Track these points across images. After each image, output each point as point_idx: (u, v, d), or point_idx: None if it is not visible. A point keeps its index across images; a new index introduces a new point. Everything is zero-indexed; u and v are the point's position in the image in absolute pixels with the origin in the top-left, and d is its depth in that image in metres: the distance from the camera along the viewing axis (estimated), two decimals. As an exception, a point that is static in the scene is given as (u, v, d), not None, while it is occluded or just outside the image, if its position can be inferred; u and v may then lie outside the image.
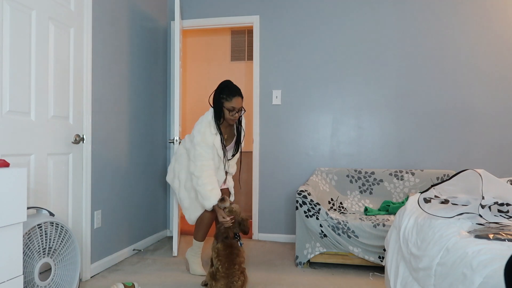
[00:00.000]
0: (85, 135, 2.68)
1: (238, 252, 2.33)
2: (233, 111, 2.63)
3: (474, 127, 3.49)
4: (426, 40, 3.57)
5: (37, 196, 2.26)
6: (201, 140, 2.61)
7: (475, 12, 3.49)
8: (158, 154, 3.86)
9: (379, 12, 3.65)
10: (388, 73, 3.63)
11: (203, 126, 2.65)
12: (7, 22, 2.04)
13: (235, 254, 2.31)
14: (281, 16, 3.84)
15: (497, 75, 3.46)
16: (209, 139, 2.63)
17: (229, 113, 2.64)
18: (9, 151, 2.05)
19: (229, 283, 2.22)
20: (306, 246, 2.95)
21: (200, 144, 2.61)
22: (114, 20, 3.04)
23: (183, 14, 4.04)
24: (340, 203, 3.42)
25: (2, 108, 2.03)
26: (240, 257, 2.32)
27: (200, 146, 2.61)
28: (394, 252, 1.99)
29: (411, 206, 1.96)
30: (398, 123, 3.61)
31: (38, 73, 2.26)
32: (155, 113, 3.80)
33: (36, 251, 1.83)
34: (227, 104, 2.62)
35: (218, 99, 2.65)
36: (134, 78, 3.36)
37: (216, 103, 2.66)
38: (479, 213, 1.54)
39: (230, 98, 2.61)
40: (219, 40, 5.07)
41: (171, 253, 3.36)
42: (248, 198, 4.72)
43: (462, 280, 1.21)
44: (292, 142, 3.80)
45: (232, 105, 2.61)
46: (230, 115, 2.64)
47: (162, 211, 3.94)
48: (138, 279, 2.68)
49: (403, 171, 3.43)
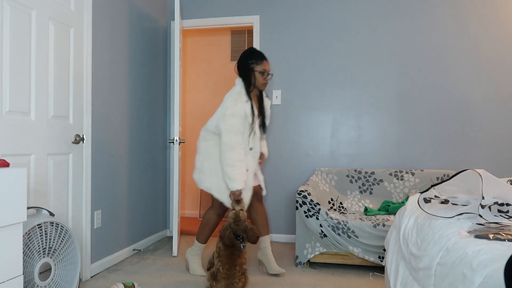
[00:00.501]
0: (85, 135, 2.68)
1: (240, 253, 2.31)
2: (265, 74, 2.64)
3: (474, 127, 3.49)
4: (426, 40, 3.57)
5: (37, 196, 2.26)
6: (232, 110, 2.54)
7: (475, 12, 3.49)
8: (158, 154, 3.86)
9: (379, 12, 3.65)
10: (388, 73, 3.63)
11: (234, 96, 2.59)
12: (7, 22, 2.04)
13: (236, 255, 2.29)
14: (281, 16, 3.84)
15: (497, 75, 3.46)
16: (240, 107, 2.55)
17: (262, 76, 2.63)
18: (9, 151, 2.05)
19: (230, 284, 2.21)
20: (306, 246, 2.95)
21: (232, 115, 2.53)
22: (114, 20, 3.04)
23: (183, 14, 4.04)
24: (340, 203, 3.41)
25: (2, 108, 2.03)
26: (241, 258, 2.30)
27: (231, 117, 2.53)
28: (394, 252, 1.99)
29: (411, 206, 1.96)
30: (398, 123, 3.61)
31: (38, 73, 2.26)
32: (155, 113, 3.80)
33: (36, 251, 1.83)
34: (258, 68, 2.62)
35: (247, 65, 2.63)
36: (134, 78, 3.36)
37: (246, 70, 2.64)
38: (479, 213, 1.54)
39: (260, 61, 2.63)
40: (219, 40, 5.07)
41: (171, 253, 3.36)
42: (248, 198, 4.72)
43: (462, 280, 1.21)
44: (292, 142, 3.80)
45: (264, 68, 2.63)
46: (262, 78, 2.64)
47: (162, 211, 3.94)
48: (138, 279, 2.68)
49: (403, 171, 3.43)
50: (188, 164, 5.09)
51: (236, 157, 2.53)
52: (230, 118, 2.54)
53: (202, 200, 4.95)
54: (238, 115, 2.54)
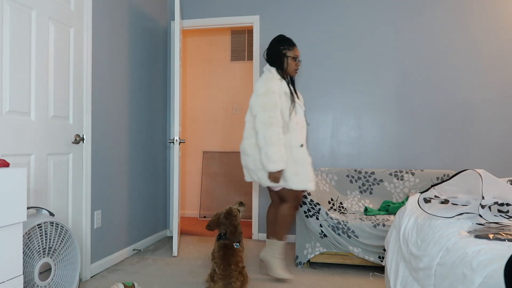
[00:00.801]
0: (85, 135, 2.68)
1: (233, 252, 2.31)
2: (297, 60, 2.62)
3: (474, 127, 3.49)
4: (426, 40, 3.57)
5: (37, 196, 2.26)
6: (265, 89, 2.44)
7: (474, 12, 3.49)
8: (158, 154, 3.86)
9: (379, 13, 3.65)
10: (388, 73, 3.63)
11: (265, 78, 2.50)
12: (7, 22, 2.04)
13: (230, 255, 2.29)
14: (281, 16, 3.84)
15: (497, 75, 3.46)
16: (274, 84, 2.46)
17: (294, 62, 2.61)
18: (9, 151, 2.05)
19: (227, 284, 2.21)
20: (306, 246, 2.95)
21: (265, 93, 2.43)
22: (114, 20, 3.04)
23: (183, 14, 4.04)
24: (340, 203, 3.41)
25: (2, 108, 2.03)
26: (236, 257, 2.30)
27: (264, 95, 2.43)
28: (394, 252, 1.99)
29: (411, 206, 1.96)
30: (398, 123, 3.61)
31: (38, 73, 2.26)
32: (155, 113, 3.80)
33: (36, 251, 1.83)
34: (291, 53, 2.60)
35: (279, 51, 2.60)
36: (134, 78, 3.36)
37: (278, 56, 2.60)
38: (479, 213, 1.54)
39: (292, 47, 2.61)
40: (219, 40, 5.07)
41: (171, 253, 3.36)
42: (248, 198, 4.72)
43: (462, 280, 1.21)
44: (292, 142, 3.80)
45: (295, 53, 2.62)
46: (295, 64, 2.61)
47: (162, 211, 3.94)
48: (138, 279, 2.68)
49: (403, 171, 3.43)
50: (188, 164, 5.10)
51: (274, 134, 2.39)
52: (263, 96, 2.44)
53: (202, 200, 4.96)
54: (272, 91, 2.44)
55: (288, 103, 2.54)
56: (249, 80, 4.89)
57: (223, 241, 2.35)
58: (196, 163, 5.07)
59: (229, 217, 2.39)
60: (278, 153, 2.40)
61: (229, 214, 2.40)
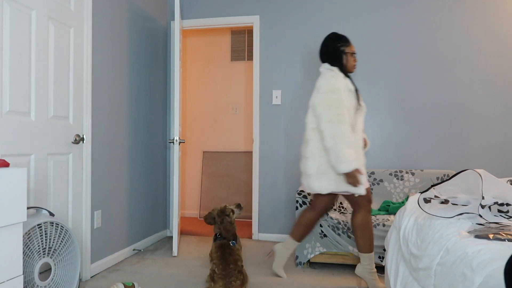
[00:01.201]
0: (85, 135, 2.68)
1: (231, 251, 2.32)
2: (355, 55, 2.52)
3: (474, 127, 3.49)
4: (425, 40, 3.57)
5: (37, 196, 2.26)
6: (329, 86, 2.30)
7: (474, 12, 3.49)
8: (158, 154, 3.86)
9: (378, 13, 3.65)
10: (387, 73, 3.63)
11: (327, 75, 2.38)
12: (7, 22, 2.04)
13: (227, 254, 2.30)
14: (281, 16, 3.84)
15: (497, 75, 3.46)
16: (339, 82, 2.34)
17: (352, 57, 2.51)
18: (9, 151, 2.05)
19: (227, 283, 2.21)
20: (306, 246, 2.95)
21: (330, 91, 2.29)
22: (114, 20, 3.04)
23: (183, 14, 4.04)
24: (340, 203, 3.41)
25: (2, 108, 2.03)
26: (233, 256, 2.30)
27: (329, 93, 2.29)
28: (394, 252, 1.99)
29: (411, 206, 1.96)
30: (398, 123, 3.61)
31: (38, 73, 2.26)
32: (155, 113, 3.80)
33: (36, 251, 1.83)
34: (349, 49, 2.50)
35: (337, 48, 2.49)
36: (134, 78, 3.36)
37: (337, 53, 2.49)
38: (479, 213, 1.54)
39: (348, 43, 2.51)
40: (219, 40, 5.07)
41: (171, 253, 3.36)
42: (248, 198, 4.72)
43: (462, 280, 1.21)
44: (292, 142, 3.80)
45: (353, 49, 2.52)
46: (353, 60, 2.51)
47: (162, 211, 3.94)
48: (138, 279, 2.68)
49: (403, 171, 3.43)
50: (188, 164, 5.10)
51: (343, 132, 2.23)
52: (328, 93, 2.30)
53: (202, 200, 4.96)
54: (337, 88, 2.30)
55: (354, 101, 2.41)
56: (249, 80, 4.89)
57: (220, 241, 2.36)
58: (196, 163, 5.07)
59: (221, 215, 2.43)
60: (349, 152, 2.23)
61: (222, 212, 2.43)
